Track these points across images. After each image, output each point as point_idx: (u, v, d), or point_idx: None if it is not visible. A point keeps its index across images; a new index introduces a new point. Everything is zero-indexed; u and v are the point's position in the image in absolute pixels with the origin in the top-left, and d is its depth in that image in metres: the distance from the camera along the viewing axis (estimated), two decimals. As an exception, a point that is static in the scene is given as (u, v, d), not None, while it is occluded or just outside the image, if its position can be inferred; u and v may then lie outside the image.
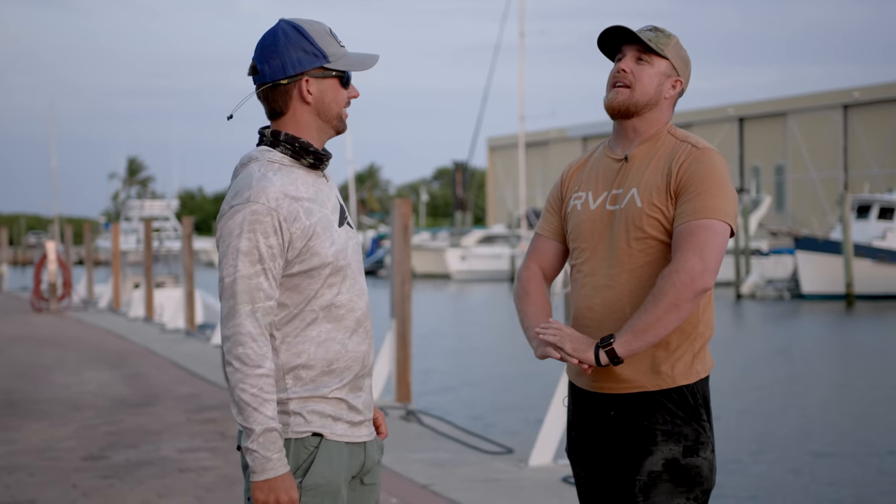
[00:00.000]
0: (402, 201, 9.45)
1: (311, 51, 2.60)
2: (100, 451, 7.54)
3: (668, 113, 2.97)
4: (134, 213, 50.44)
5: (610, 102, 2.93)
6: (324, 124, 2.64)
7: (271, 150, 2.62)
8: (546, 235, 3.08)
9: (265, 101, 2.64)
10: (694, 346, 2.88)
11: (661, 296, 2.74)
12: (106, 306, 22.63)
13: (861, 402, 15.06)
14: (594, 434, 2.94)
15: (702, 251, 2.75)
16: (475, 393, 15.98)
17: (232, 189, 2.60)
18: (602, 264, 2.89)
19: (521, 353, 20.86)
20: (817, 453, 11.56)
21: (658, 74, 2.91)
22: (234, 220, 2.53)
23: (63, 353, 14.11)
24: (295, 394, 2.56)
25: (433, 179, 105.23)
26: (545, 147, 71.76)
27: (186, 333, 16.21)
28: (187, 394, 10.23)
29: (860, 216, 37.22)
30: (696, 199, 2.80)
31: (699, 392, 2.88)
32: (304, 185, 2.59)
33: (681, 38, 2.99)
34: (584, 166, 3.06)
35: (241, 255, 2.52)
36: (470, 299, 38.66)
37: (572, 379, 3.02)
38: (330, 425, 2.58)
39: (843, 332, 26.34)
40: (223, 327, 2.55)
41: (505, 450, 7.31)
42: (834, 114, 55.46)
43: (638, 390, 2.86)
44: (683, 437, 2.84)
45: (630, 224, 2.86)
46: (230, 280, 2.52)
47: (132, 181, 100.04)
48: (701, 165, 2.83)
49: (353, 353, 2.62)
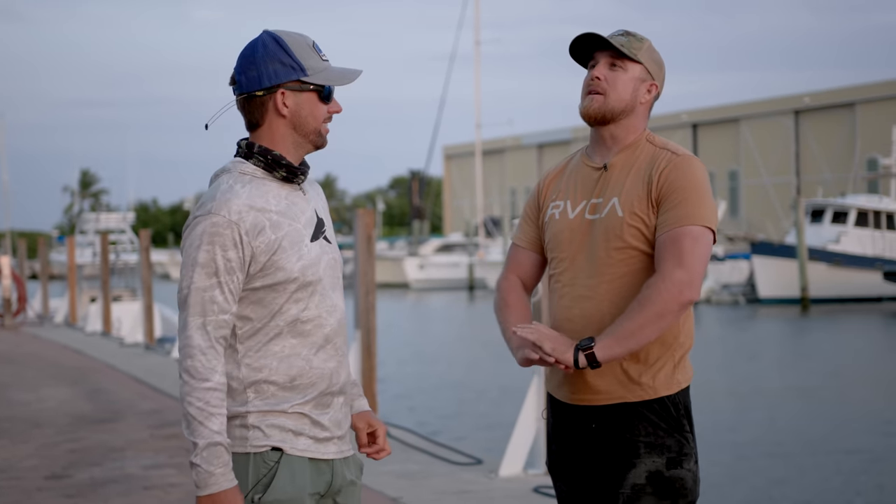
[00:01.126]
0: (364, 212, 9.41)
1: (289, 63, 2.56)
2: (62, 469, 7.43)
3: (645, 118, 2.96)
4: (89, 226, 49.84)
5: (585, 110, 2.91)
6: (300, 138, 2.60)
7: (244, 161, 2.59)
8: (523, 246, 3.06)
9: (243, 112, 2.62)
10: (674, 356, 2.87)
11: (646, 304, 2.73)
12: (62, 321, 22.35)
13: (813, 403, 15.22)
14: (575, 447, 2.91)
15: (687, 261, 2.74)
16: (439, 403, 15.95)
17: (199, 200, 2.59)
18: (581, 274, 2.87)
19: (484, 362, 20.85)
20: (778, 455, 11.66)
21: (632, 80, 2.90)
22: (195, 232, 2.52)
23: (19, 369, 13.91)
24: (255, 407, 2.53)
25: (389, 188, 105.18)
26: (501, 155, 71.97)
27: (146, 347, 16.05)
28: (149, 409, 10.11)
29: (814, 220, 37.68)
30: (678, 207, 2.79)
31: (681, 402, 2.86)
32: (276, 199, 2.56)
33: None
34: (561, 174, 3.03)
35: (197, 266, 2.50)
36: (429, 308, 38.62)
37: (551, 391, 3.00)
38: (291, 440, 2.54)
39: (797, 335, 26.62)
40: (178, 340, 2.55)
41: (474, 460, 7.29)
42: (785, 119, 56.11)
43: (619, 401, 2.84)
44: (666, 449, 2.82)
45: (610, 234, 2.84)
46: (185, 292, 2.52)
47: (85, 194, 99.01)
48: (682, 172, 2.82)
49: (319, 370, 2.57)
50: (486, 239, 54.26)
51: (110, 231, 45.11)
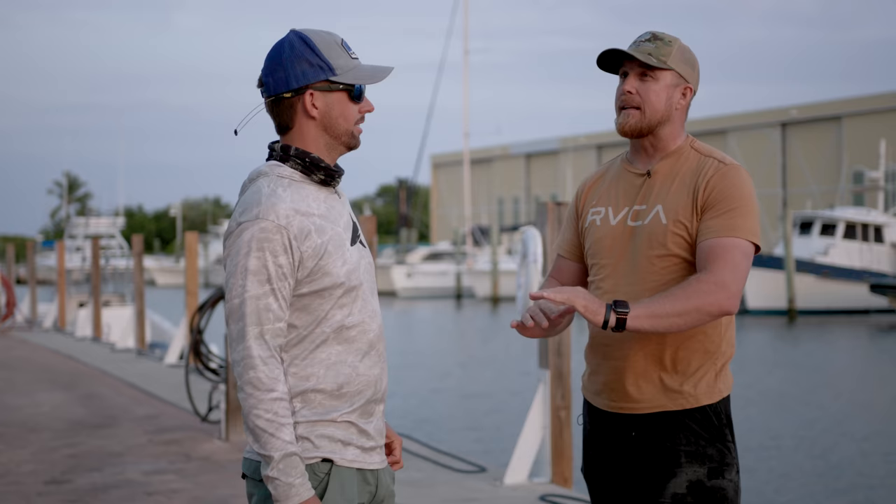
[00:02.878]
0: (366, 218, 9.36)
1: (317, 63, 2.49)
2: (62, 474, 7.35)
3: (682, 121, 2.91)
4: (79, 230, 49.60)
5: (621, 127, 2.86)
6: (332, 140, 2.54)
7: (281, 164, 2.52)
8: (565, 255, 3.03)
9: (272, 115, 2.55)
10: (716, 364, 2.84)
11: (692, 296, 2.66)
12: (51, 326, 22.22)
13: (798, 411, 15.25)
14: (613, 454, 2.88)
15: (738, 274, 2.70)
16: (435, 411, 15.90)
17: (240, 205, 2.50)
18: (623, 281, 2.83)
19: (477, 370, 20.81)
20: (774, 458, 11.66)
21: (665, 88, 2.85)
22: (243, 238, 2.43)
23: (11, 374, 13.80)
24: (303, 417, 2.46)
25: (377, 196, 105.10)
26: (489, 164, 72.03)
27: (138, 353, 15.95)
28: (146, 414, 10.04)
29: (803, 232, 37.79)
30: (727, 215, 2.75)
31: (723, 411, 2.84)
32: (316, 202, 2.50)
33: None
34: (600, 181, 3.00)
35: (249, 274, 2.41)
36: (417, 316, 38.57)
37: (589, 398, 2.97)
38: (340, 450, 2.48)
39: (782, 346, 26.69)
40: (232, 351, 2.45)
41: (478, 468, 7.25)
42: (772, 131, 56.35)
43: (660, 410, 2.81)
44: (708, 459, 2.79)
45: (653, 241, 2.81)
46: (238, 301, 2.42)
47: (71, 198, 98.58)
48: (730, 181, 2.79)
49: (365, 377, 2.52)
50: (473, 248, 54.24)
51: (100, 236, 44.91)
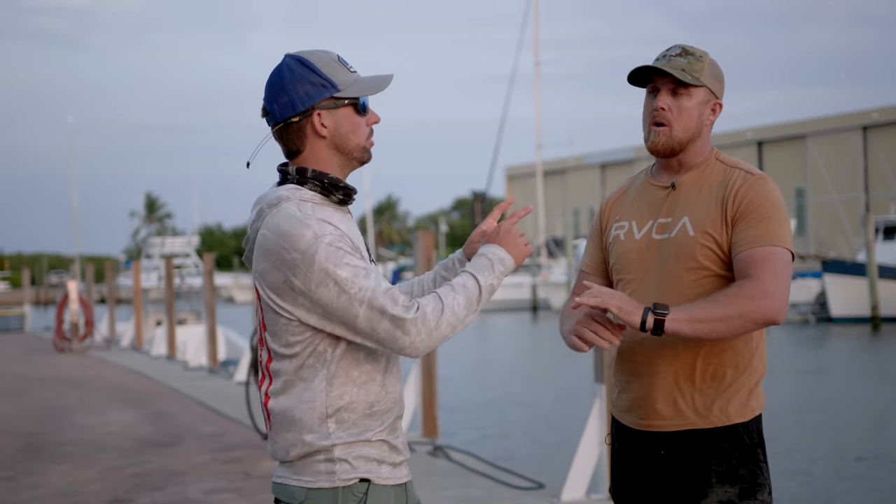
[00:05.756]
0: (424, 233, 9.35)
1: (319, 82, 2.46)
2: (125, 493, 7.42)
3: (709, 136, 2.85)
4: (155, 250, 50.54)
5: (654, 145, 2.79)
6: (344, 157, 2.51)
7: (300, 188, 2.47)
8: (589, 271, 2.97)
9: (281, 141, 2.51)
10: (749, 381, 2.75)
11: (735, 302, 2.59)
12: (128, 345, 22.59)
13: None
14: (642, 474, 2.79)
15: (781, 282, 2.62)
16: (502, 426, 15.79)
17: (281, 238, 2.39)
18: (651, 295, 2.74)
19: (547, 384, 20.65)
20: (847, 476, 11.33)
21: (697, 105, 2.78)
22: (318, 264, 2.36)
23: (86, 393, 14.03)
24: (339, 439, 2.43)
25: (452, 210, 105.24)
26: (563, 175, 71.69)
27: (209, 371, 16.11)
28: (211, 433, 10.10)
29: (887, 238, 36.88)
30: (761, 224, 2.67)
31: (754, 430, 2.74)
32: (339, 223, 2.46)
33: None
34: (624, 196, 2.94)
35: (348, 283, 2.37)
36: (492, 329, 38.47)
37: (617, 416, 2.89)
38: (376, 469, 2.46)
39: (863, 355, 26.01)
40: (405, 338, 2.37)
41: (536, 485, 7.14)
42: (853, 135, 55.18)
43: (690, 428, 2.72)
44: (739, 479, 2.70)
45: (682, 254, 2.73)
46: (356, 311, 2.36)
47: (151, 218, 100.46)
48: (760, 192, 2.71)
49: (392, 395, 2.51)
50: (548, 259, 53.99)
51: (175, 255, 45.64)
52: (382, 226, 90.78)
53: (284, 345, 2.45)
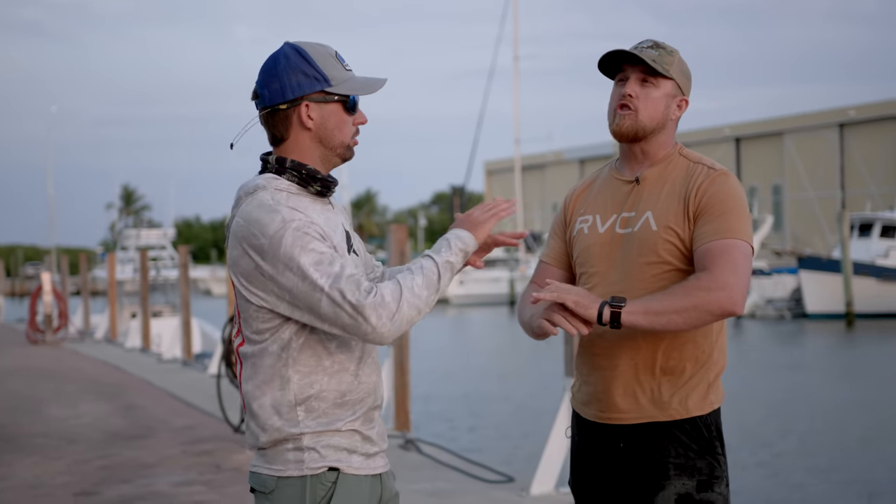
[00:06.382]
0: (397, 227, 9.35)
1: (312, 74, 2.48)
2: (93, 486, 7.37)
3: (674, 133, 2.88)
4: (130, 242, 50.31)
5: (618, 128, 2.81)
6: (327, 151, 2.53)
7: (277, 178, 2.49)
8: (549, 262, 2.96)
9: (266, 127, 2.53)
10: (708, 375, 2.76)
11: (691, 294, 2.59)
12: (102, 337, 22.48)
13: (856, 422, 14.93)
14: (602, 467, 2.80)
15: (740, 273, 2.62)
16: (474, 419, 15.81)
17: (251, 225, 2.41)
18: (613, 289, 2.75)
19: (520, 377, 20.69)
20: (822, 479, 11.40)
21: (664, 97, 2.80)
22: (283, 248, 2.37)
23: (59, 384, 13.95)
24: (308, 428, 2.44)
25: (431, 204, 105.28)
26: (542, 170, 71.82)
27: (183, 363, 16.05)
28: (183, 425, 10.06)
29: (862, 234, 37.13)
30: (721, 218, 2.68)
31: (713, 423, 2.75)
32: (315, 214, 2.47)
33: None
34: (588, 189, 2.95)
35: (310, 268, 2.36)
36: (469, 323, 38.51)
37: (577, 409, 2.89)
38: (346, 458, 2.46)
39: (837, 351, 26.19)
40: (355, 326, 2.35)
41: (505, 478, 7.15)
42: (830, 133, 55.50)
43: (649, 421, 2.73)
44: (697, 471, 2.71)
45: (644, 248, 2.75)
46: (325, 299, 2.34)
47: (129, 210, 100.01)
48: (721, 187, 2.73)
49: (366, 385, 2.51)
50: (526, 254, 54.10)
51: (151, 247, 45.44)
52: (361, 219, 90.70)
53: (255, 332, 2.48)
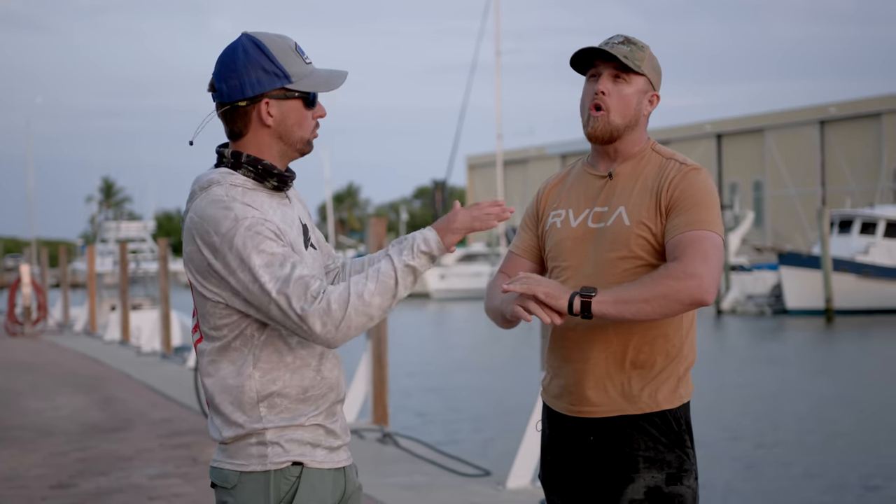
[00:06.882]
0: (376, 220, 9.34)
1: (272, 70, 2.43)
2: (69, 478, 7.35)
3: (646, 128, 2.89)
4: (110, 234, 50.12)
5: (592, 131, 2.82)
6: (286, 147, 2.49)
7: (233, 172, 2.46)
8: (519, 254, 2.97)
9: (225, 122, 2.49)
10: (679, 369, 2.77)
11: (660, 283, 2.60)
12: (82, 329, 22.38)
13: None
14: (572, 460, 2.81)
15: (711, 263, 2.63)
16: (452, 413, 15.83)
17: (205, 222, 2.38)
18: (585, 283, 2.76)
19: (498, 371, 20.73)
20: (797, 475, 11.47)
21: (636, 93, 2.81)
22: (235, 248, 2.35)
23: (37, 377, 13.89)
24: (271, 423, 2.42)
25: (413, 198, 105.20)
26: (524, 165, 71.87)
27: (162, 356, 16.01)
28: (160, 418, 10.04)
29: (842, 231, 37.29)
30: (692, 210, 2.70)
31: (682, 417, 2.77)
32: (271, 209, 2.44)
33: (657, 55, 2.89)
34: (562, 183, 2.96)
35: (259, 270, 2.34)
36: (449, 318, 38.53)
37: (548, 402, 2.90)
38: (309, 452, 2.45)
39: (816, 347, 26.34)
40: (315, 326, 2.33)
41: (482, 472, 7.17)
42: (811, 130, 55.74)
43: (619, 414, 2.74)
44: (666, 465, 2.72)
45: (617, 243, 2.76)
46: (273, 302, 2.33)
47: (109, 203, 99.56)
48: (692, 181, 2.74)
49: (328, 381, 2.49)
50: (507, 249, 54.13)
51: (130, 240, 45.27)
52: (343, 213, 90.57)
53: (213, 328, 2.45)
